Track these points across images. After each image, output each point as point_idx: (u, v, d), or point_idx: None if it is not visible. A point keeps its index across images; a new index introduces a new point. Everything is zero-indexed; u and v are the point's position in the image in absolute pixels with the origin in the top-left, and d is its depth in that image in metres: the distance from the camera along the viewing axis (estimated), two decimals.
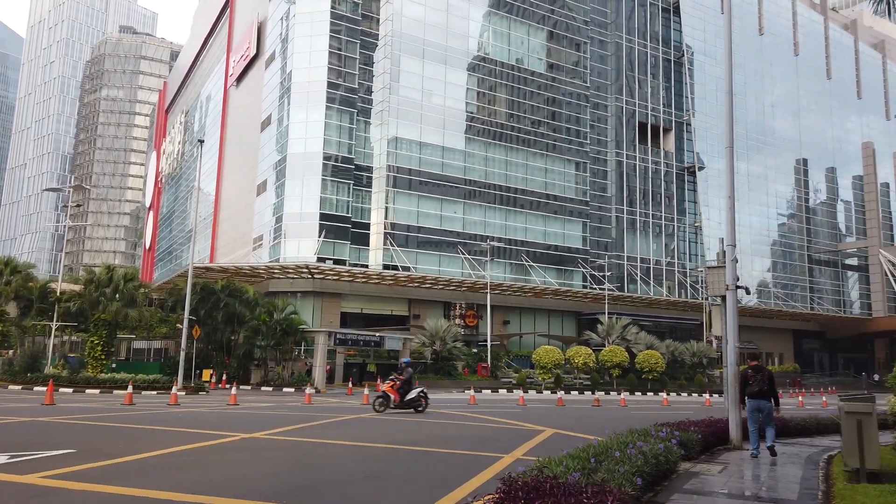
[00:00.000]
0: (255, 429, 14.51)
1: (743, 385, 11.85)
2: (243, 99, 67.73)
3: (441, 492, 7.99)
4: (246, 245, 58.92)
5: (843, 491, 8.00)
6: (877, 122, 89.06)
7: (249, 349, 37.96)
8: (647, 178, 66.65)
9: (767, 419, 11.62)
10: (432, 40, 55.76)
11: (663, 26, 71.06)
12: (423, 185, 53.80)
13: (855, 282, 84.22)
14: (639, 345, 47.42)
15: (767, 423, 11.62)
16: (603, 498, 5.24)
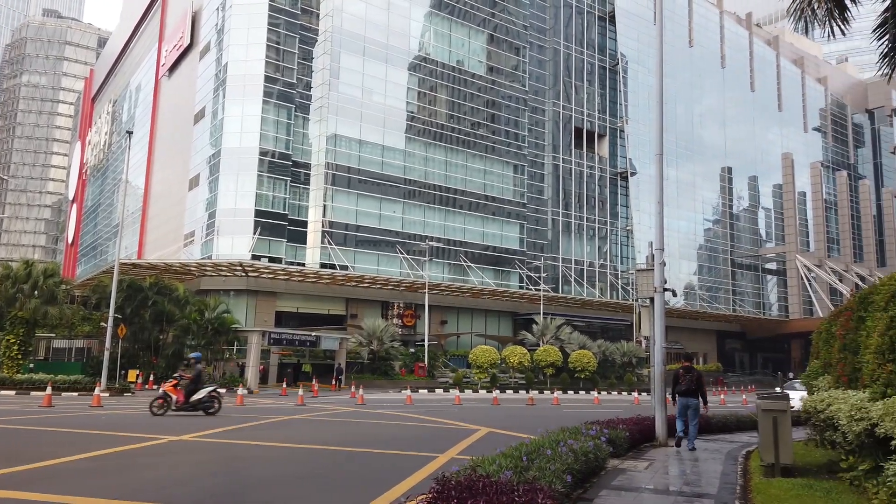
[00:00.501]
0: (184, 431, 14.09)
1: (674, 384, 12.77)
2: (176, 90, 65.54)
3: (375, 492, 7.98)
4: (177, 241, 57.05)
5: (759, 485, 8.44)
6: (795, 133, 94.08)
7: (179, 349, 36.75)
8: (582, 182, 68.27)
9: (693, 415, 12.57)
10: (373, 38, 55.44)
11: (599, 34, 72.96)
12: (363, 183, 53.42)
13: (774, 285, 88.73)
14: (572, 345, 48.52)
15: (693, 418, 12.56)
16: (534, 496, 5.37)
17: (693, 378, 12.63)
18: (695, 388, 12.59)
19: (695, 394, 12.60)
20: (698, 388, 12.59)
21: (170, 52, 66.26)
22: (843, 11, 9.79)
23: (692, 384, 12.57)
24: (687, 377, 12.68)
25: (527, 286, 59.40)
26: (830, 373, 11.89)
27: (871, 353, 7.66)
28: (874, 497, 6.99)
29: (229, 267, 44.59)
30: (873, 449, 7.25)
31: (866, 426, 6.93)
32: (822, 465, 9.97)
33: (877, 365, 7.22)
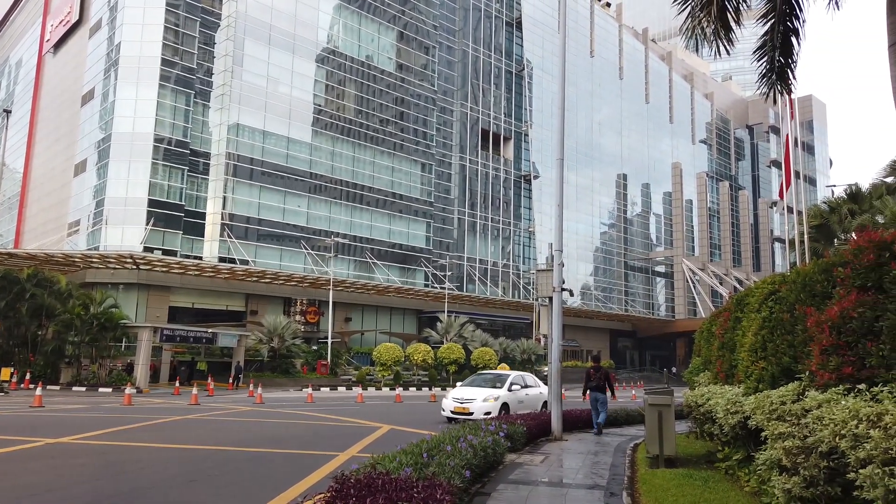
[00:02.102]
0: (64, 433, 13.17)
1: (586, 381, 15.17)
2: (62, 68, 61.07)
3: (271, 493, 7.80)
4: (60, 230, 53.19)
5: (645, 476, 8.94)
6: (685, 145, 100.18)
7: (60, 345, 34.24)
8: (487, 183, 69.56)
9: (602, 407, 15.02)
10: (279, 27, 53.92)
11: (507, 39, 74.59)
12: (266, 175, 51.88)
13: (662, 287, 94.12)
14: (475, 342, 49.38)
15: (602, 409, 15.03)
16: (433, 491, 5.43)
17: (601, 375, 14.89)
18: (603, 384, 14.83)
19: (603, 389, 14.84)
20: (606, 383, 14.84)
21: (56, 28, 61.65)
22: (728, 32, 10.52)
23: (601, 381, 14.82)
24: (597, 375, 14.91)
25: (432, 284, 59.83)
26: (710, 369, 12.75)
27: (745, 351, 8.28)
28: (746, 485, 7.58)
29: (118, 259, 42.00)
30: (746, 440, 7.85)
31: (740, 419, 7.48)
32: (702, 455, 10.68)
33: (750, 362, 7.81)
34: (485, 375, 19.66)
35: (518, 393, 18.01)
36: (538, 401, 18.73)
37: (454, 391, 18.12)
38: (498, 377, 18.98)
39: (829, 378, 5.15)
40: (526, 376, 19.55)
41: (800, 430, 5.09)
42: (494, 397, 17.01)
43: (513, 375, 18.82)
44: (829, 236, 27.15)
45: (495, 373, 20.46)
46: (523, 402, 17.94)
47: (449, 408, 17.17)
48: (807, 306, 6.19)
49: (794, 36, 10.55)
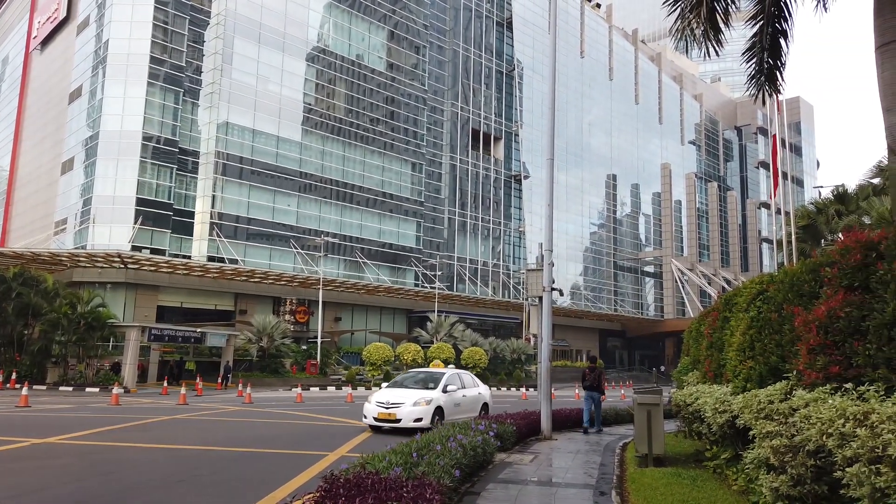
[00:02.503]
0: (51, 433, 13.05)
1: (582, 380, 15.83)
2: (49, 66, 60.53)
3: (260, 493, 7.77)
4: (47, 229, 52.72)
5: (634, 475, 8.98)
6: (674, 146, 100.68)
7: (46, 345, 33.93)
8: (478, 183, 69.60)
9: (597, 405, 15.64)
10: (269, 25, 53.69)
11: (497, 39, 74.65)
12: (255, 174, 51.65)
13: (651, 287, 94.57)
14: (464, 342, 49.40)
15: (596, 407, 15.63)
16: (422, 491, 5.42)
17: (595, 375, 15.50)
18: (597, 384, 15.47)
19: (596, 388, 15.48)
20: (599, 383, 15.47)
21: (43, 25, 61.10)
22: (717, 33, 10.58)
23: (595, 380, 15.45)
24: (591, 375, 15.54)
25: (422, 284, 59.78)
26: (699, 369, 12.81)
27: (733, 350, 8.32)
28: (734, 483, 7.62)
29: (106, 258, 41.68)
30: (734, 439, 7.90)
31: (728, 418, 7.52)
32: (690, 454, 10.74)
33: (738, 361, 7.85)
34: (415, 375, 16.91)
35: (454, 395, 15.55)
36: (477, 403, 16.65)
37: (378, 393, 15.23)
38: (431, 376, 16.20)
39: (816, 377, 5.18)
40: (463, 375, 17.05)
41: (787, 428, 5.12)
42: (426, 400, 14.44)
43: (448, 374, 16.22)
44: (817, 237, 27.38)
45: (428, 371, 17.50)
46: (460, 406, 15.63)
47: (371, 414, 14.47)
48: (794, 306, 6.23)
49: (783, 37, 10.63)
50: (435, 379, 15.83)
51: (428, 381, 15.84)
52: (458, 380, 16.35)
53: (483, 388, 17.53)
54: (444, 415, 14.70)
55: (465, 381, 16.74)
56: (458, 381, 16.31)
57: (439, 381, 15.55)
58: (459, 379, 16.50)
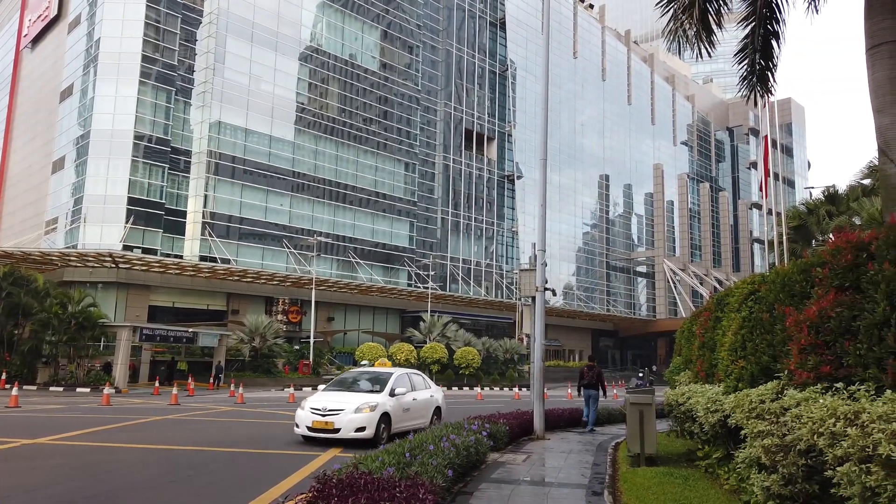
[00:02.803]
0: (41, 433, 12.97)
1: (580, 379, 16.21)
2: (40, 64, 60.14)
3: (252, 494, 7.75)
4: (37, 228, 52.39)
5: (626, 474, 9.00)
6: (666, 146, 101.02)
7: (37, 345, 33.72)
8: (471, 183, 69.62)
9: (594, 403, 15.90)
10: (262, 24, 53.52)
11: (490, 40, 74.69)
12: (248, 174, 51.47)
13: (643, 287, 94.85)
14: (457, 342, 49.41)
15: (593, 406, 15.90)
16: (415, 491, 5.42)
17: (594, 374, 15.92)
18: (595, 382, 15.84)
19: (595, 386, 15.85)
20: (598, 381, 15.89)
21: (34, 23, 60.70)
22: (709, 35, 10.63)
23: (593, 379, 15.86)
24: (589, 373, 15.92)
25: (415, 284, 59.74)
26: (691, 368, 12.86)
27: (725, 350, 8.36)
28: (725, 482, 7.66)
29: (97, 257, 41.46)
30: (725, 438, 7.94)
31: (720, 417, 7.56)
32: (682, 454, 10.78)
33: (730, 361, 7.89)
34: (358, 376, 14.70)
35: (403, 399, 13.51)
36: (428, 408, 14.59)
37: (313, 398, 13.09)
38: (376, 377, 14.11)
39: (807, 377, 5.21)
40: (413, 375, 14.99)
41: (778, 428, 5.15)
42: (370, 406, 12.31)
43: (396, 375, 14.07)
44: (808, 237, 27.53)
45: (373, 371, 15.27)
46: (410, 411, 13.65)
47: (304, 422, 12.38)
48: (786, 306, 6.26)
49: (774, 39, 10.69)
50: (381, 380, 13.75)
51: (373, 382, 13.84)
52: (407, 381, 14.18)
53: (435, 390, 15.55)
54: (391, 422, 12.73)
55: (416, 383, 14.58)
56: (408, 382, 14.17)
57: (386, 383, 13.44)
58: (409, 380, 14.36)
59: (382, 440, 11.91)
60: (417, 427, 13.10)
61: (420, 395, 14.40)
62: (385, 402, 12.73)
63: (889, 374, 4.43)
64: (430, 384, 15.52)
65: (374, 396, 12.81)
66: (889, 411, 3.87)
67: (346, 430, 12.00)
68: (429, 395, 14.80)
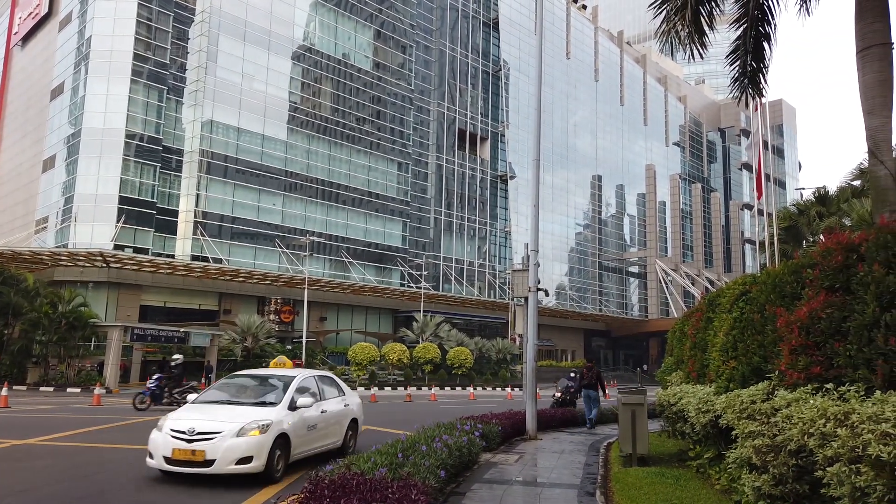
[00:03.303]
0: (31, 434, 12.88)
1: (580, 379, 16.91)
2: (30, 62, 59.77)
3: (245, 494, 7.73)
4: (27, 227, 52.05)
5: (618, 474, 9.02)
6: (658, 147, 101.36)
7: (27, 345, 33.47)
8: (464, 183, 69.64)
9: (594, 403, 16.50)
10: (255, 23, 53.34)
11: (483, 40, 74.73)
12: (240, 173, 51.30)
13: (636, 287, 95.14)
14: (450, 342, 49.41)
15: (594, 405, 16.50)
16: (407, 492, 5.42)
17: (593, 375, 16.47)
18: (595, 382, 16.44)
19: (595, 387, 16.44)
20: (598, 382, 16.50)
21: (24, 20, 60.30)
22: (701, 36, 10.68)
23: (593, 379, 16.43)
24: (589, 374, 16.50)
25: (408, 284, 59.71)
26: (682, 369, 12.90)
27: (716, 350, 8.39)
28: (716, 482, 7.69)
29: (88, 257, 41.24)
30: (717, 439, 7.97)
31: (711, 418, 7.59)
32: (674, 454, 10.81)
33: (721, 362, 7.92)
34: (245, 382, 10.67)
35: (308, 413, 9.79)
36: (341, 421, 11.04)
37: (177, 414, 9.10)
38: (272, 383, 10.34)
39: (798, 377, 5.24)
40: (323, 379, 11.31)
41: (769, 428, 5.17)
42: (261, 425, 8.65)
43: (299, 379, 10.26)
44: (798, 238, 27.69)
45: (267, 375, 11.05)
46: (317, 429, 10.07)
47: (162, 451, 8.47)
48: (777, 307, 6.29)
49: (766, 41, 10.75)
50: (278, 387, 9.97)
51: (266, 390, 10.05)
52: (314, 387, 10.58)
53: (351, 397, 11.90)
54: (290, 446, 9.14)
55: (325, 390, 10.95)
56: (316, 388, 10.58)
57: (284, 392, 9.71)
58: (316, 385, 10.70)
59: (278, 472, 8.71)
60: (327, 450, 10.32)
61: (331, 405, 10.74)
62: (282, 419, 9.03)
63: (879, 375, 4.46)
64: (344, 389, 11.89)
65: (267, 411, 9.09)
66: (878, 412, 3.89)
67: (224, 463, 8.24)
68: (342, 405, 11.16)
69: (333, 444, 10.67)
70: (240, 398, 9.88)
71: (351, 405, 11.61)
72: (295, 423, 9.36)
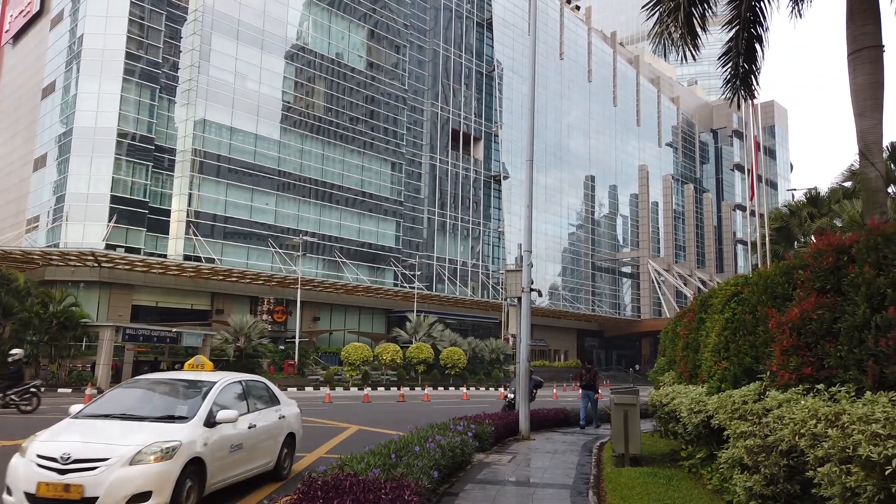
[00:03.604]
0: (22, 435, 12.77)
1: (580, 379, 17.35)
2: (21, 60, 59.38)
3: (237, 496, 7.70)
4: (18, 226, 51.71)
5: (611, 474, 9.05)
6: (651, 147, 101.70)
7: (17, 345, 33.23)
8: (457, 183, 69.66)
9: (593, 403, 16.82)
10: (248, 22, 53.18)
11: (477, 40, 74.78)
12: (233, 173, 51.13)
13: (628, 287, 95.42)
14: (443, 342, 49.41)
15: (593, 405, 16.78)
16: (401, 492, 5.42)
17: (591, 375, 16.96)
18: (594, 382, 16.87)
19: (593, 387, 16.85)
20: (594, 382, 16.86)
21: (15, 18, 59.96)
22: (694, 38, 10.72)
23: (591, 380, 16.86)
24: (587, 375, 16.97)
25: (401, 284, 59.66)
26: (675, 369, 12.94)
27: (708, 351, 8.42)
28: (708, 482, 7.72)
29: (79, 256, 41.01)
30: (709, 439, 8.00)
31: (703, 418, 7.62)
32: (666, 454, 10.84)
33: (713, 362, 7.95)
34: (151, 386, 8.19)
35: (228, 430, 7.50)
36: (276, 436, 8.73)
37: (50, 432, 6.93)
38: (184, 390, 7.96)
39: (789, 378, 5.27)
40: (252, 385, 8.81)
41: (761, 429, 5.20)
42: (165, 449, 6.48)
43: (221, 385, 7.93)
44: (790, 239, 27.83)
45: (178, 379, 8.46)
46: (243, 447, 7.76)
47: (25, 484, 6.20)
48: (768, 308, 6.32)
49: (758, 42, 10.80)
50: (191, 397, 7.61)
51: (176, 401, 7.66)
52: (239, 395, 8.21)
53: (288, 407, 9.45)
54: (206, 474, 6.94)
55: (255, 398, 8.55)
56: (241, 396, 8.22)
57: (199, 403, 7.40)
58: (243, 393, 8.31)
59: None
60: (255, 474, 8.20)
61: (262, 418, 8.41)
62: (196, 439, 6.82)
63: (869, 376, 4.48)
64: (279, 397, 9.41)
65: (175, 429, 6.81)
66: (869, 413, 3.92)
67: (110, 502, 6.03)
68: (276, 417, 8.82)
69: (264, 467, 8.34)
70: (140, 411, 7.33)
71: (287, 417, 9.20)
72: (213, 443, 7.04)
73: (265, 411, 8.66)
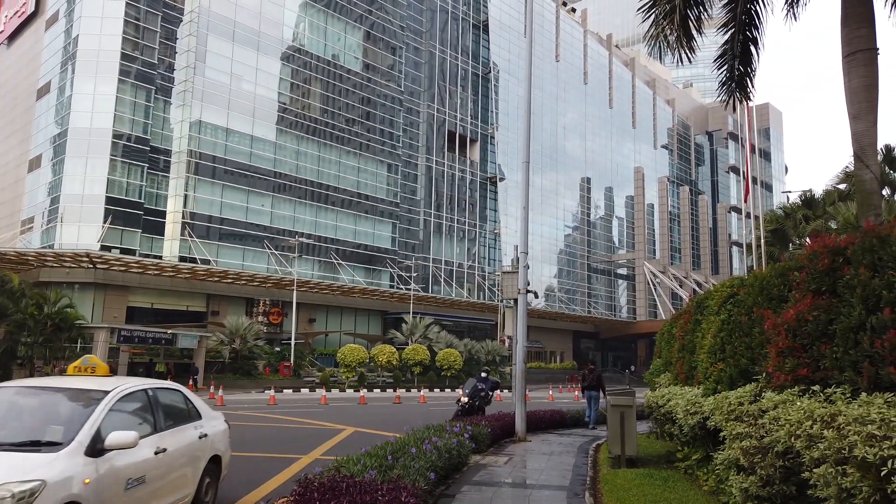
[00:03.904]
0: None
1: (582, 381, 17.53)
2: (16, 61, 59.19)
3: (231, 498, 7.67)
4: (13, 227, 51.53)
5: (607, 476, 9.05)
6: (647, 150, 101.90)
7: (12, 346, 33.10)
8: (453, 185, 69.68)
9: (595, 403, 16.83)
10: (244, 23, 53.14)
11: (473, 42, 74.85)
12: (229, 174, 51.04)
13: (624, 289, 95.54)
14: (440, 343, 49.39)
15: (594, 406, 16.80)
16: (397, 494, 5.41)
17: (594, 377, 16.98)
18: (595, 384, 16.87)
19: (596, 388, 16.85)
20: (598, 383, 16.87)
21: (10, 19, 59.78)
22: (689, 40, 10.74)
23: (593, 381, 16.91)
24: (590, 376, 17.01)
25: (397, 285, 59.63)
26: (671, 370, 12.95)
27: (704, 352, 8.43)
28: (704, 484, 7.73)
29: (74, 257, 40.88)
30: (705, 440, 8.00)
31: (699, 419, 7.62)
32: (662, 455, 10.86)
33: (709, 364, 7.96)
34: (15, 398, 5.56)
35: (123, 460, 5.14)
36: (195, 461, 6.50)
37: None
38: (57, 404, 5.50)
39: (785, 379, 5.28)
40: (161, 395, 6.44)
41: (757, 430, 5.21)
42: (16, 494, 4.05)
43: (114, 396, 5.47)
44: (785, 241, 27.92)
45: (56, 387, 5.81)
46: (146, 481, 5.41)
47: None
48: (764, 309, 6.33)
49: (754, 45, 10.83)
50: (71, 414, 5.34)
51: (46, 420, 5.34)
52: (141, 407, 6.01)
53: (211, 422, 7.24)
54: None
55: (165, 413, 6.30)
56: (146, 410, 6.04)
57: (81, 422, 5.08)
58: (148, 406, 6.09)
59: None
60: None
61: (175, 438, 6.20)
62: (72, 474, 4.66)
63: (864, 377, 4.50)
64: (200, 409, 7.19)
65: (37, 461, 4.62)
66: (864, 414, 3.93)
67: None
68: (195, 437, 6.62)
69: (181, 502, 6.13)
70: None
71: (211, 435, 6.97)
72: (100, 479, 4.89)
73: (180, 429, 6.38)
